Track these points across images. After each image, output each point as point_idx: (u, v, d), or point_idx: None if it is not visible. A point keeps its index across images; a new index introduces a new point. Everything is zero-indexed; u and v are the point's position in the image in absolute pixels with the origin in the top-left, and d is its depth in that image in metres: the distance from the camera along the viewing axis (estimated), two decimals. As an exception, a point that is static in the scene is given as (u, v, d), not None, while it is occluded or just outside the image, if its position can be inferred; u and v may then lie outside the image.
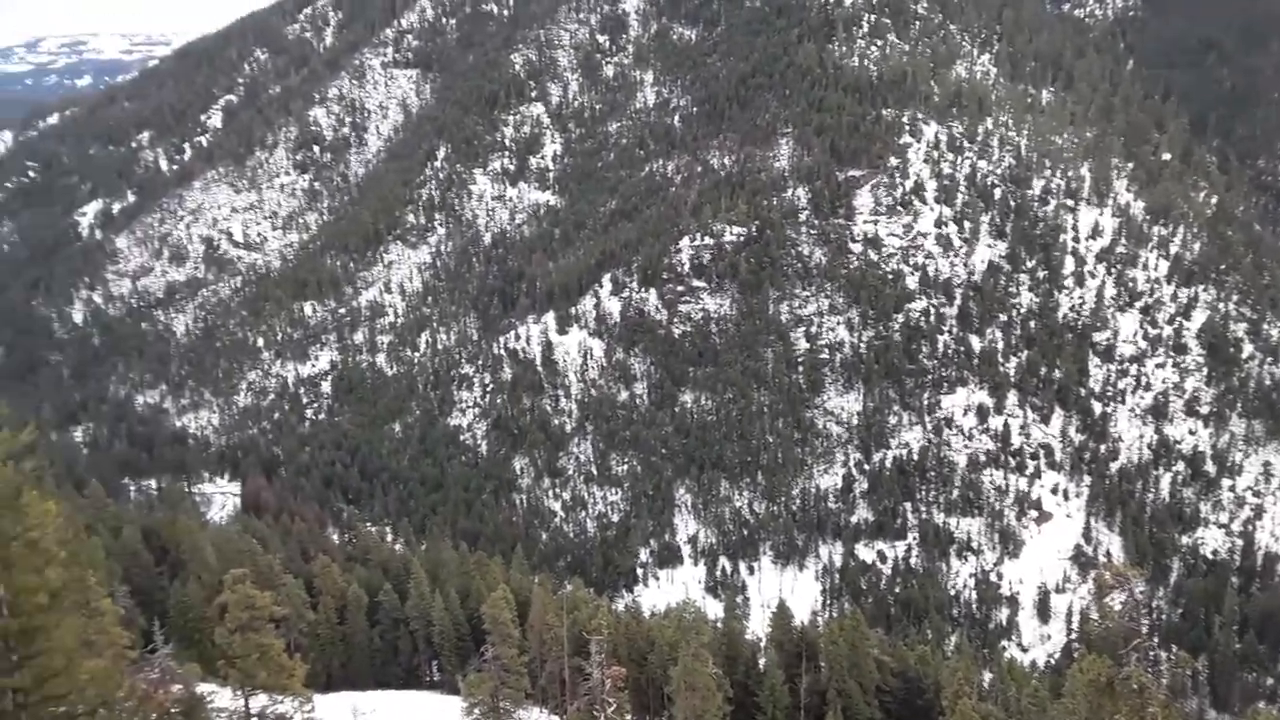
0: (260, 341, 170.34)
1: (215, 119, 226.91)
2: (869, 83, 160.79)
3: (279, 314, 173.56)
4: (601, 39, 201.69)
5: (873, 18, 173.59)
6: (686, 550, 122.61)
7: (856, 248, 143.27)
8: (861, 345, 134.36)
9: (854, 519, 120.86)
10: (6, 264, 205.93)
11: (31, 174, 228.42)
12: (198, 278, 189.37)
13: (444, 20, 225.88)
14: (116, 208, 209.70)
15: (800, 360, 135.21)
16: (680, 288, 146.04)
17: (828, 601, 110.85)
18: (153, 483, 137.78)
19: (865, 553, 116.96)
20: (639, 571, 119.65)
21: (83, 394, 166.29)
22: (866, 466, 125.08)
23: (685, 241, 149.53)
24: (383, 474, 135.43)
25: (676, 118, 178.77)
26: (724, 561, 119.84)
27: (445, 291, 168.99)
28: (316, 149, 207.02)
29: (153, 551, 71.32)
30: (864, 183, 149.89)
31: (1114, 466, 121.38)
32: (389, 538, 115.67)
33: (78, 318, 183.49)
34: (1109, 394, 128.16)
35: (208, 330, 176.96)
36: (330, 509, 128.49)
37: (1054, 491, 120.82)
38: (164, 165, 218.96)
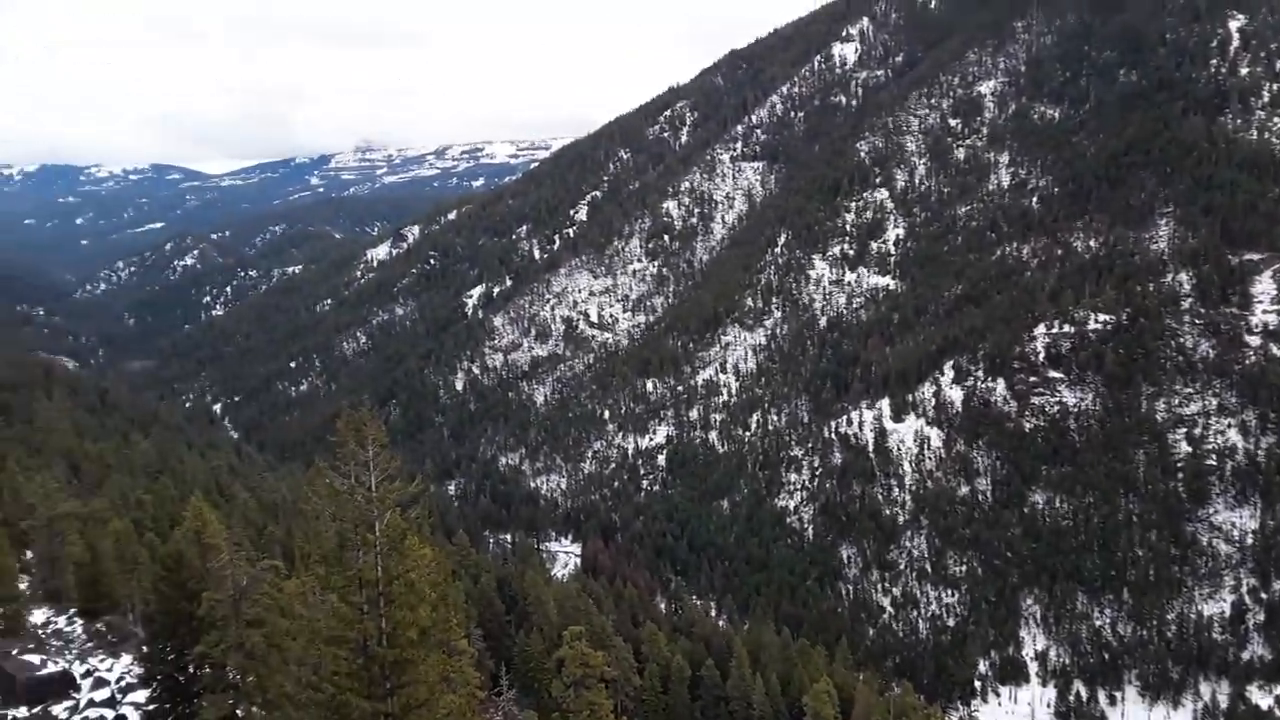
0: (606, 414, 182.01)
1: (581, 212, 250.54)
2: (1271, 157, 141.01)
3: (624, 389, 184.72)
4: (954, 122, 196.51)
5: (1275, 87, 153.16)
6: (1034, 667, 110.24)
7: (1254, 340, 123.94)
8: (1260, 453, 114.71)
9: (1246, 655, 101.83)
10: (408, 337, 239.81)
11: (432, 261, 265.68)
12: (557, 354, 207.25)
13: (792, 114, 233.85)
14: (496, 291, 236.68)
15: (1180, 465, 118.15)
16: (1033, 378, 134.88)
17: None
18: (508, 537, 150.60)
19: (1260, 697, 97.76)
20: (976, 684, 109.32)
21: (458, 453, 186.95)
22: (1264, 595, 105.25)
23: (1040, 329, 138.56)
24: (710, 549, 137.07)
25: (1034, 199, 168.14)
26: (1079, 686, 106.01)
27: (778, 373, 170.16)
28: (667, 238, 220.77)
29: (504, 600, 77.11)
30: (1264, 268, 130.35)
31: None
32: (713, 613, 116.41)
33: (459, 386, 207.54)
34: None
35: (563, 401, 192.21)
36: (660, 578, 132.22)
37: None
38: (536, 254, 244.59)
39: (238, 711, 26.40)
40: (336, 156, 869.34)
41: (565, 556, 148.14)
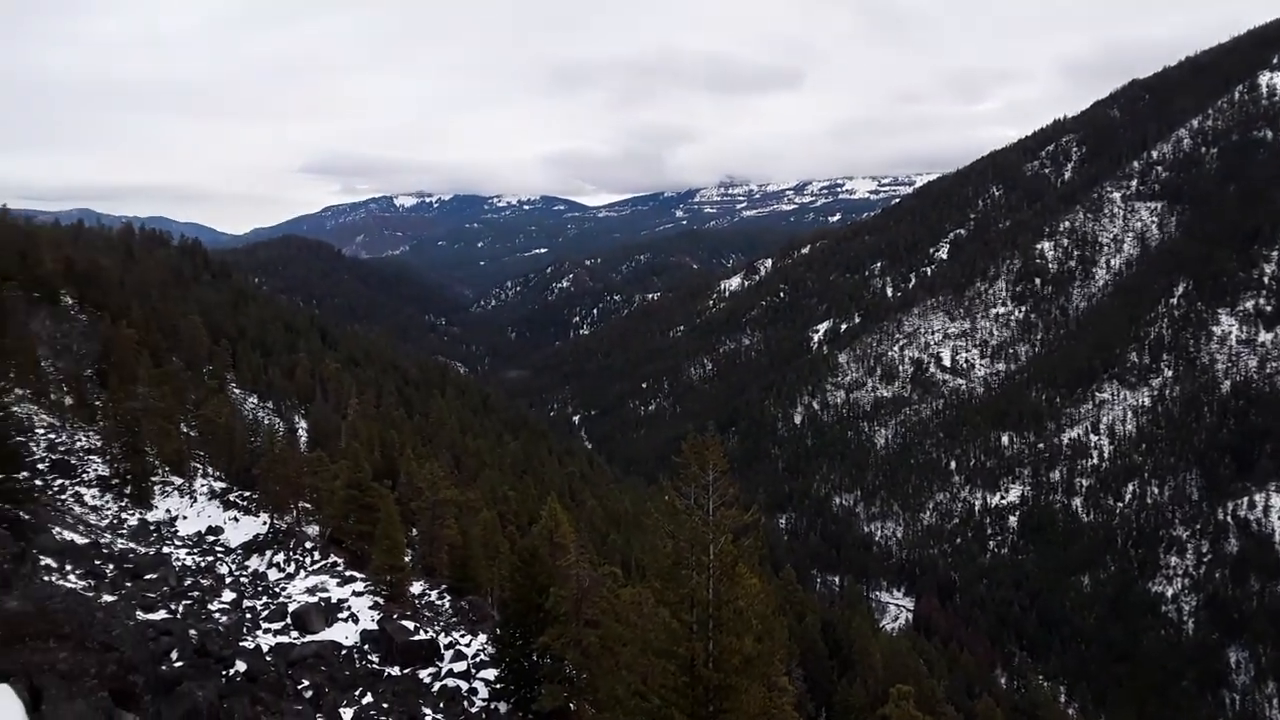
0: (953, 465, 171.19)
1: (942, 251, 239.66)
2: None
3: (975, 440, 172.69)
4: None
5: None
6: None
7: None
8: None
9: None
10: (751, 368, 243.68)
11: (782, 294, 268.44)
12: (903, 396, 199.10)
13: (1203, 150, 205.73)
14: (844, 327, 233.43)
15: None
16: None
17: None
18: (836, 579, 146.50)
19: None
20: None
21: (791, 487, 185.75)
22: None
23: None
24: (1063, 627, 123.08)
25: None
26: None
27: (1164, 440, 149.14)
28: (1038, 281, 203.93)
29: (827, 644, 74.33)
30: None
31: None
32: (1062, 698, 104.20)
33: (797, 420, 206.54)
34: None
35: (905, 446, 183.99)
36: (1001, 649, 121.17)
37: None
38: (889, 292, 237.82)
39: (571, 705, 27.11)
40: (701, 191, 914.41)
41: (896, 609, 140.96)
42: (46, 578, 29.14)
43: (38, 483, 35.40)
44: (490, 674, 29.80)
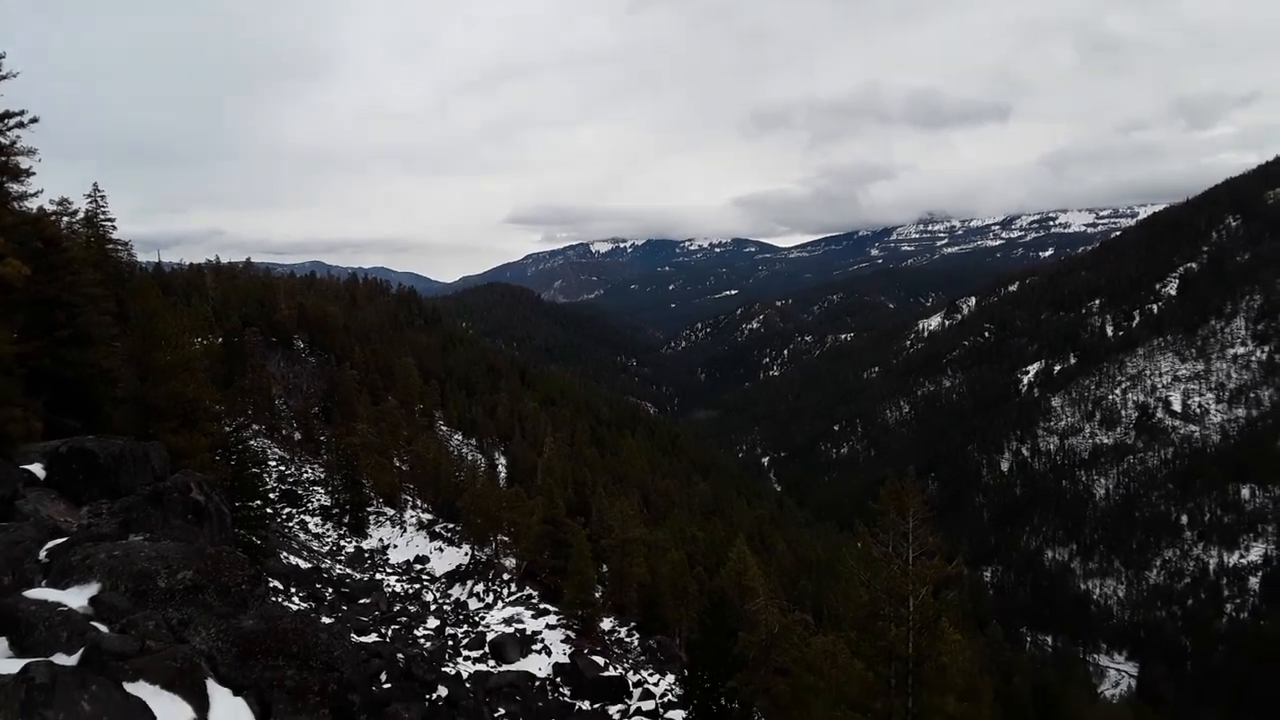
0: (1184, 519, 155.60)
1: (1170, 287, 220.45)
2: None
3: (1210, 493, 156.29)
4: None
5: None
6: None
7: None
8: None
9: None
10: (953, 411, 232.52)
11: (986, 334, 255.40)
12: (1125, 443, 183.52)
13: None
14: (1056, 369, 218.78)
15: None
16: None
17: None
18: (1048, 639, 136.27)
19: None
20: None
21: (997, 538, 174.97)
22: None
23: None
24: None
25: None
26: None
27: None
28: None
29: (1038, 708, 68.95)
30: None
31: None
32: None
33: (1004, 467, 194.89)
34: None
35: (1128, 498, 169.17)
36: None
37: None
38: (1109, 331, 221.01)
39: (759, 755, 26.49)
40: (898, 229, 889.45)
41: (1117, 674, 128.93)
42: (275, 599, 31.70)
43: (269, 510, 38.88)
44: (678, 715, 29.62)
